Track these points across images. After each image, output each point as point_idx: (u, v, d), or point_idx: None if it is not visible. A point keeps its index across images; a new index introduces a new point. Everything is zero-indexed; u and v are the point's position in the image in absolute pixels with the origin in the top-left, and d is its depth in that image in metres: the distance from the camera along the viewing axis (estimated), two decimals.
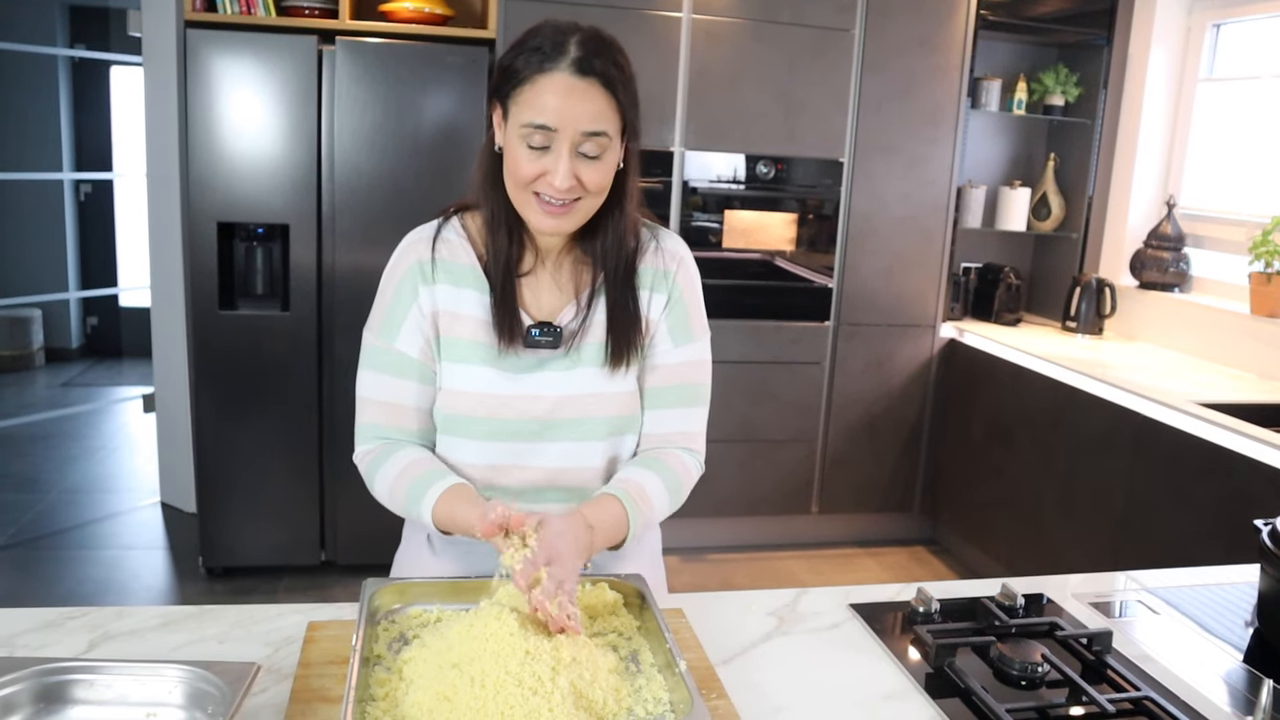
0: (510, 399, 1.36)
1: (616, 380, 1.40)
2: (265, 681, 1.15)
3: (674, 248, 1.46)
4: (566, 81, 1.24)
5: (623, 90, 1.27)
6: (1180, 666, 1.32)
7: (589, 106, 1.24)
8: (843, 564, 3.95)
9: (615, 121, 1.28)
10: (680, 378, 1.45)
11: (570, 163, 1.25)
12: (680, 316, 1.44)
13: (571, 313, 1.39)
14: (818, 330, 3.87)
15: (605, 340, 1.39)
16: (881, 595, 1.47)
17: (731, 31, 3.57)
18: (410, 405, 1.40)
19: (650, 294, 1.42)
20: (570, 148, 1.25)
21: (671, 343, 1.44)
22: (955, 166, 3.87)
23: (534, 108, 1.24)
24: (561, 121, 1.24)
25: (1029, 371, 3.49)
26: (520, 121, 1.26)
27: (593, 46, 1.26)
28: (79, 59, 6.30)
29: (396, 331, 1.38)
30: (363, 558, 3.49)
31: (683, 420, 1.46)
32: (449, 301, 1.37)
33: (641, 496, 1.36)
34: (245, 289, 3.37)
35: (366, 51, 3.22)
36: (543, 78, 1.24)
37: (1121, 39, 3.95)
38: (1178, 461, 2.79)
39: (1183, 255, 3.75)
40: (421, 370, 1.38)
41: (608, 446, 1.42)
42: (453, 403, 1.38)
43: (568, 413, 1.38)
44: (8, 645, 1.20)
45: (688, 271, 1.46)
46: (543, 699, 1.01)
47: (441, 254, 1.38)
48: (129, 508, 4.16)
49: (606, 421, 1.40)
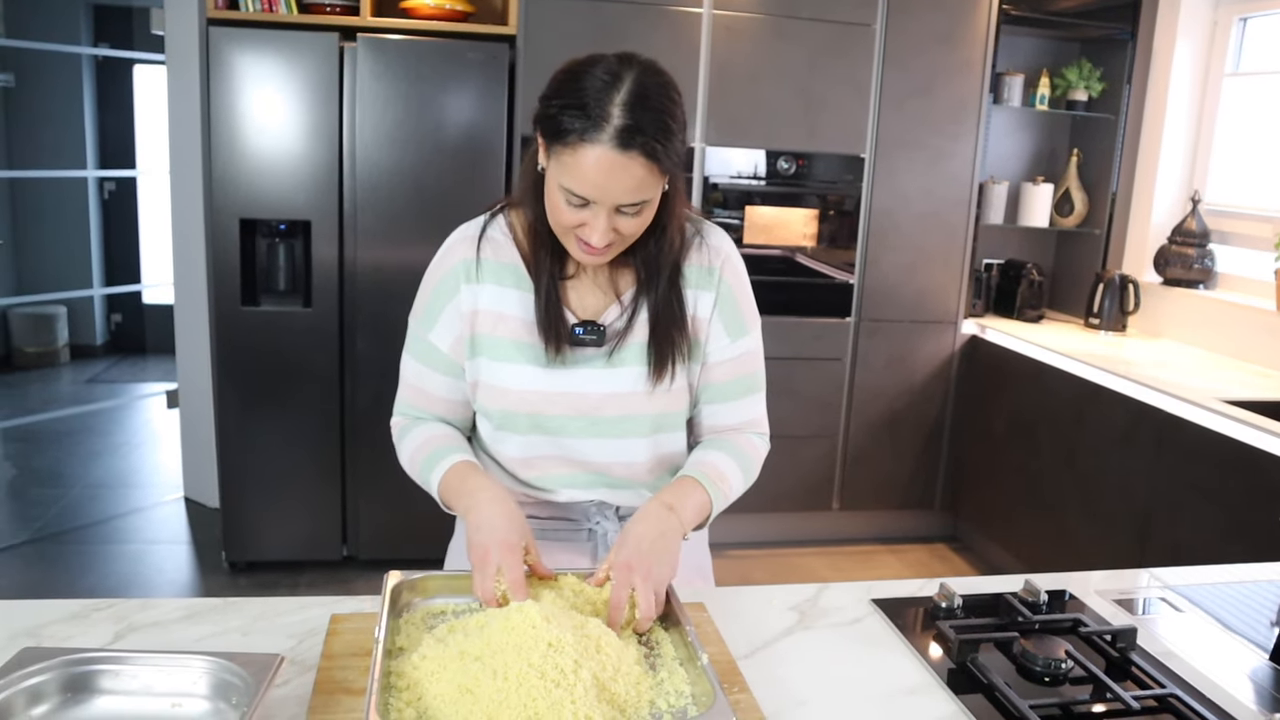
0: (554, 395, 1.39)
1: (662, 381, 1.41)
2: (288, 673, 1.15)
3: (718, 243, 1.46)
4: (608, 157, 1.19)
5: (666, 156, 1.22)
6: (1205, 664, 1.30)
7: (629, 182, 1.21)
8: (863, 560, 3.93)
9: (657, 185, 1.26)
10: (739, 370, 1.47)
11: (608, 222, 1.25)
12: (732, 312, 1.45)
13: (615, 313, 1.40)
14: (839, 326, 3.86)
15: (648, 344, 1.40)
16: (903, 591, 1.46)
17: (752, 27, 3.56)
18: (437, 394, 1.45)
19: (696, 292, 1.43)
20: (609, 211, 1.24)
21: (728, 338, 1.45)
22: (977, 162, 3.85)
23: (574, 176, 1.22)
24: (600, 196, 1.22)
25: (1051, 368, 3.47)
26: (560, 180, 1.24)
27: (639, 111, 1.19)
28: (103, 58, 6.35)
29: (432, 324, 1.42)
30: (384, 553, 3.50)
31: (747, 409, 1.50)
32: (492, 301, 1.39)
33: (719, 476, 1.40)
34: (267, 285, 3.39)
35: (387, 48, 3.23)
36: (584, 147, 1.19)
37: (1146, 33, 3.91)
38: (1201, 459, 2.76)
39: (1208, 251, 3.71)
40: (450, 365, 1.42)
41: (652, 443, 1.44)
42: (495, 399, 1.40)
43: (611, 410, 1.40)
44: (35, 636, 1.21)
45: (734, 266, 1.47)
46: (565, 691, 1.01)
47: (486, 253, 1.40)
48: (153, 503, 4.20)
49: (650, 419, 1.42)
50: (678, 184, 1.34)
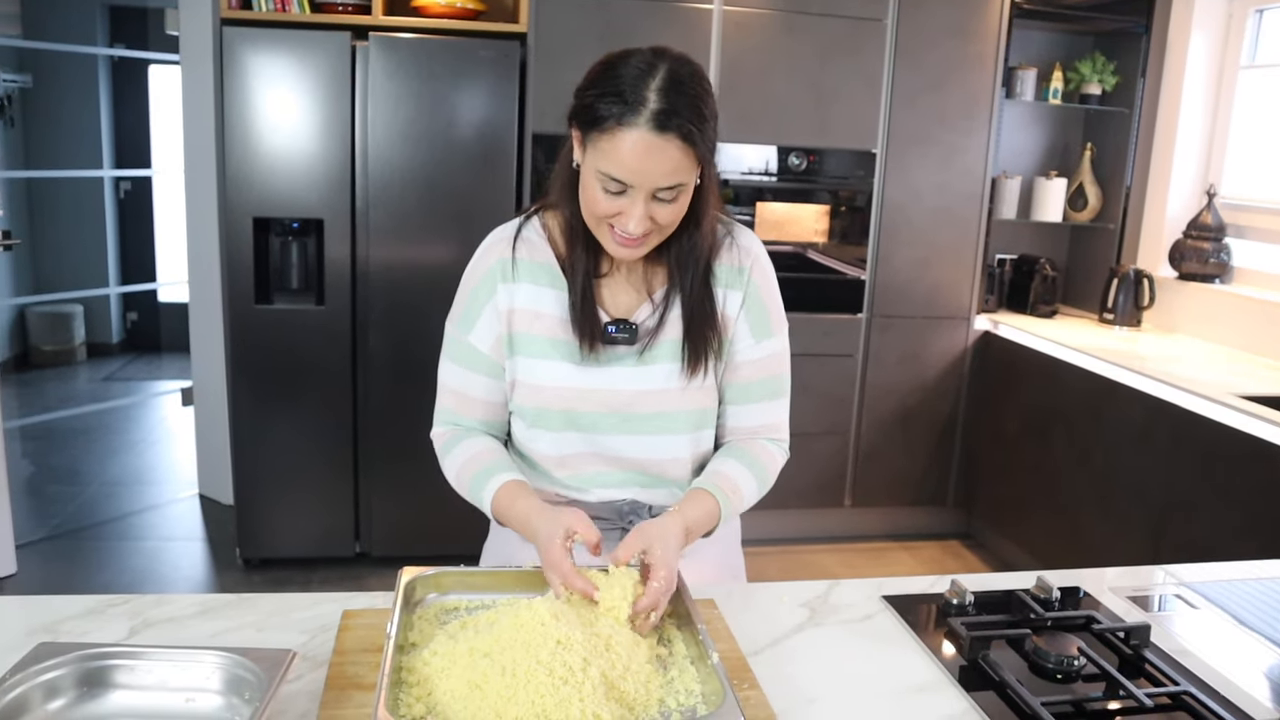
0: (587, 392, 1.41)
1: (695, 378, 1.42)
2: (301, 668, 1.16)
3: (749, 244, 1.47)
4: (645, 139, 1.22)
5: (701, 140, 1.25)
6: (1220, 661, 1.30)
7: (666, 164, 1.24)
8: (875, 557, 3.93)
9: (692, 170, 1.28)
10: (763, 372, 1.48)
11: (645, 208, 1.27)
12: (759, 313, 1.47)
13: (648, 310, 1.42)
14: (851, 323, 3.85)
15: (681, 342, 1.41)
16: (915, 587, 1.46)
17: (762, 23, 3.55)
18: (478, 397, 1.46)
19: (726, 291, 1.45)
20: (646, 197, 1.26)
21: (752, 339, 1.46)
22: (990, 157, 3.83)
23: (611, 160, 1.24)
24: (638, 180, 1.24)
25: (1065, 364, 3.45)
26: (597, 167, 1.26)
27: (674, 96, 1.23)
28: (118, 58, 6.39)
29: (472, 326, 1.44)
30: (397, 550, 3.52)
31: (766, 413, 1.50)
32: (528, 300, 1.41)
33: (734, 490, 1.41)
34: (281, 284, 3.41)
35: (399, 47, 3.24)
36: (621, 131, 1.22)
37: (1160, 26, 3.88)
38: (1217, 455, 2.75)
39: (1223, 246, 3.68)
40: (490, 365, 1.44)
41: (690, 440, 1.46)
42: (530, 396, 1.42)
43: (645, 407, 1.42)
44: (52, 631, 1.22)
45: (763, 268, 1.48)
46: (573, 688, 1.01)
47: (521, 254, 1.43)
48: (168, 500, 4.23)
49: (685, 416, 1.44)
50: (711, 178, 1.35)
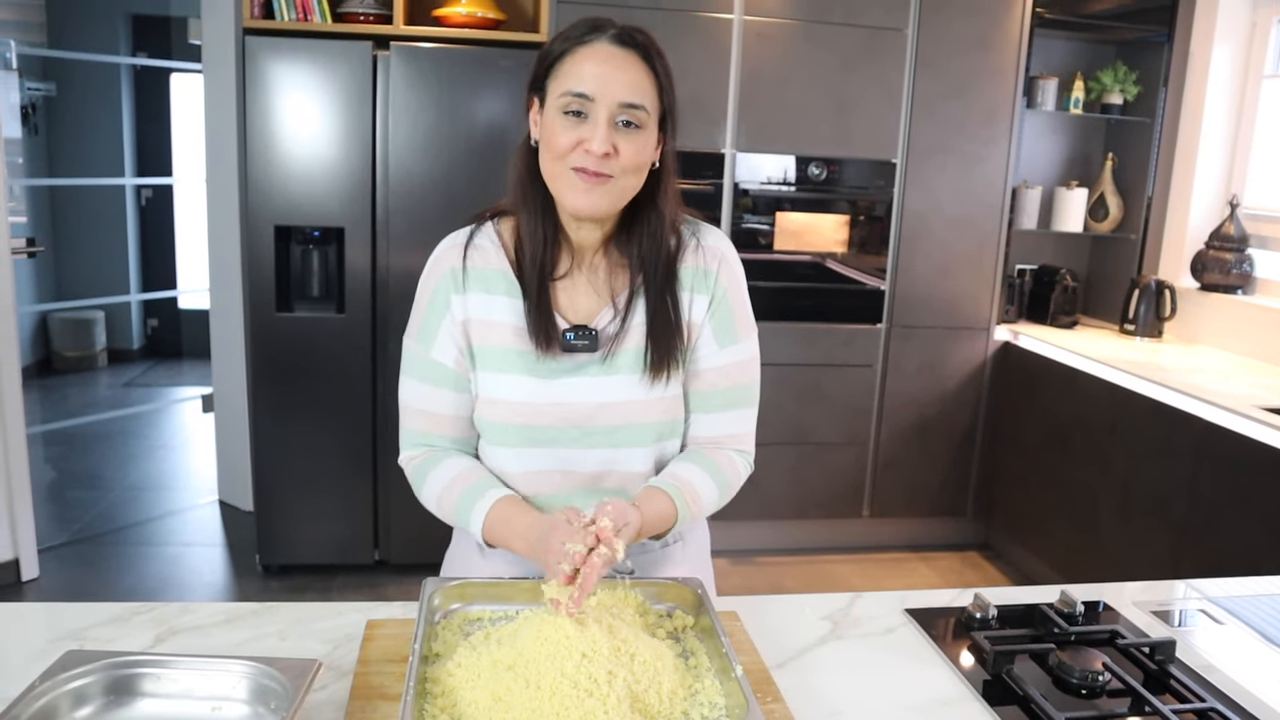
0: (546, 406, 1.35)
1: (657, 387, 1.37)
2: (326, 678, 1.17)
3: (715, 244, 1.41)
4: (606, 50, 1.26)
5: (661, 68, 1.29)
6: (1246, 677, 1.29)
7: (628, 76, 1.26)
8: (894, 568, 3.91)
9: (654, 97, 1.28)
10: (727, 380, 1.41)
11: (608, 130, 1.25)
12: (724, 317, 1.40)
13: (609, 316, 1.36)
14: (870, 333, 3.84)
15: (645, 347, 1.36)
16: (937, 601, 1.46)
17: (783, 32, 3.56)
18: (447, 414, 1.40)
19: (691, 295, 1.39)
20: (608, 117, 1.25)
21: (716, 345, 1.40)
22: (1010, 167, 3.82)
23: (573, 76, 1.26)
24: (600, 90, 1.25)
25: (1085, 375, 3.43)
26: (559, 92, 1.27)
27: (632, 28, 1.29)
28: (141, 67, 6.44)
29: (432, 340, 1.38)
30: (416, 557, 3.53)
31: (731, 423, 1.43)
32: (481, 309, 1.36)
33: (692, 496, 1.35)
34: (301, 291, 3.42)
35: (420, 56, 3.26)
36: (583, 48, 1.27)
37: (1183, 36, 3.87)
38: (1240, 467, 2.72)
39: (1246, 256, 3.66)
40: (456, 379, 1.38)
41: (652, 452, 1.40)
42: (489, 411, 1.37)
43: (608, 419, 1.36)
44: (79, 638, 1.24)
45: (730, 269, 1.42)
46: (598, 701, 1.01)
47: (474, 261, 1.38)
48: (188, 505, 4.25)
49: (650, 427, 1.38)
50: (668, 159, 1.34)
